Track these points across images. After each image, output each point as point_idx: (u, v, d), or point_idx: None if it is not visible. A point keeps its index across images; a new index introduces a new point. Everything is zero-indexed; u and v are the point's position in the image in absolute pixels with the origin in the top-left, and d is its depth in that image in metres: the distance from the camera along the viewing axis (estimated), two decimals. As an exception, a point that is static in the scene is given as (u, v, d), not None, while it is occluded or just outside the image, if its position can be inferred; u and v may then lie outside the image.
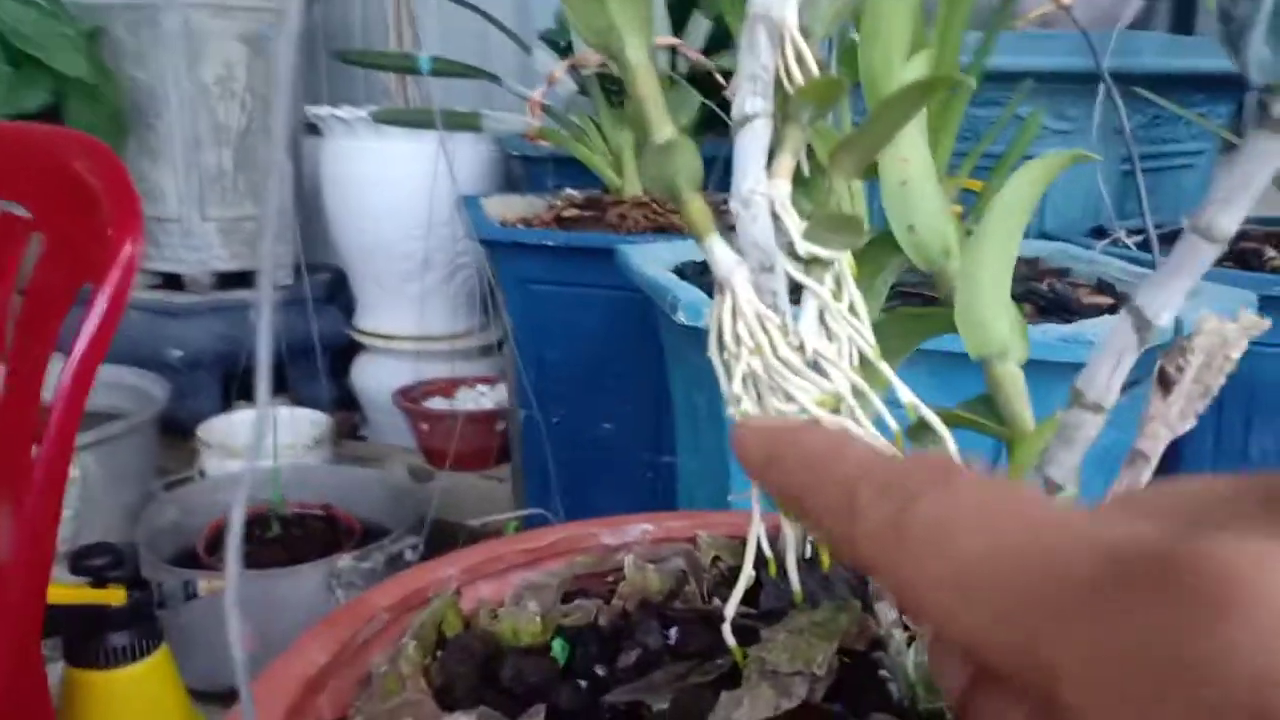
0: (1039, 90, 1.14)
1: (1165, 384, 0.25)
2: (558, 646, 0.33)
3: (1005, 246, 0.35)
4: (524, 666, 0.31)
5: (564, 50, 1.43)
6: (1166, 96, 1.16)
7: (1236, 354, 0.25)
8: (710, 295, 0.86)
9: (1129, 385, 0.82)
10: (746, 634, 0.33)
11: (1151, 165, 1.29)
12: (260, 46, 1.78)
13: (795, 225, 0.31)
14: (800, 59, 0.30)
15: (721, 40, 1.36)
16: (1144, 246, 1.16)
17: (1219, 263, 0.88)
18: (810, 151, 0.35)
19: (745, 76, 0.29)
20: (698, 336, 0.82)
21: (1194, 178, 1.42)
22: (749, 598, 0.33)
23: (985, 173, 1.08)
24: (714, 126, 1.27)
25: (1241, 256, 1.12)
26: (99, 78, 1.64)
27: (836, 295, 0.32)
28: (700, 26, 1.20)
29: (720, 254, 0.30)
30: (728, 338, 0.30)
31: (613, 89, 1.32)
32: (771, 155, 0.31)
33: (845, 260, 0.32)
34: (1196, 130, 1.35)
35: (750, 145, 0.30)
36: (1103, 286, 0.99)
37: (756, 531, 0.32)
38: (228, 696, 1.19)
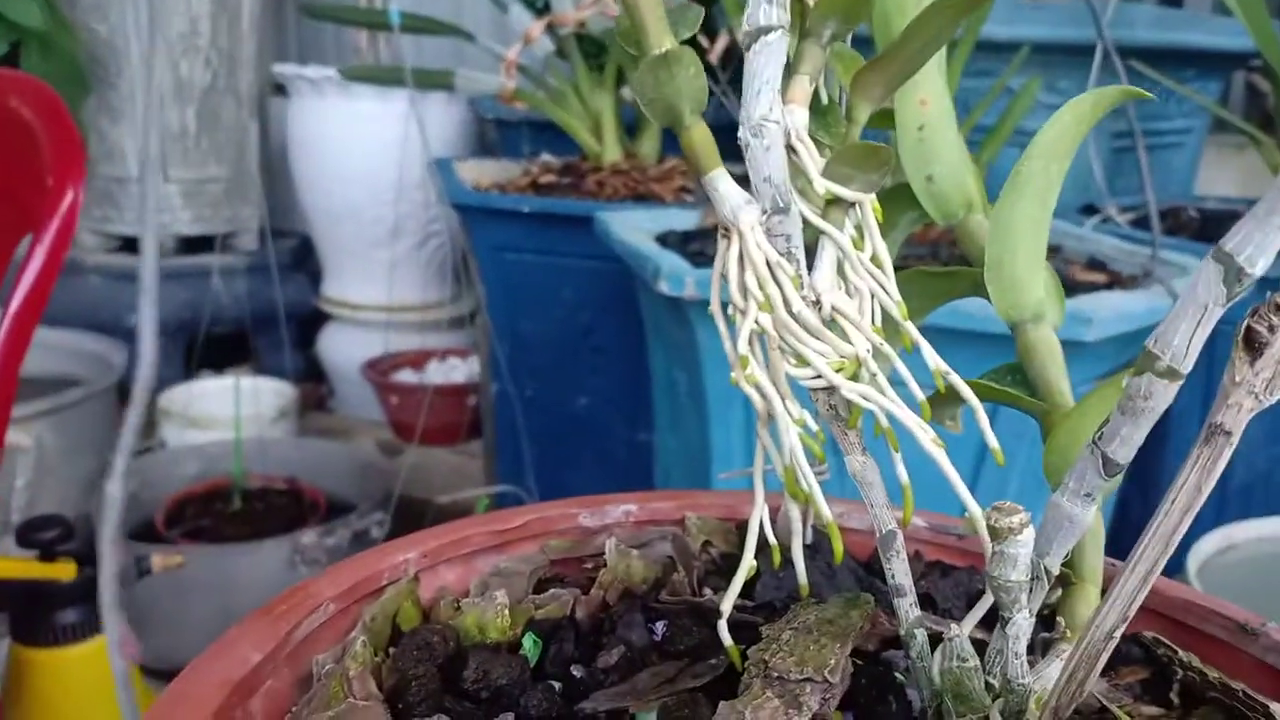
0: (1030, 61, 1.10)
1: (1253, 346, 0.21)
2: (529, 643, 0.29)
3: (1044, 196, 0.31)
4: (489, 667, 0.27)
5: (541, 9, 1.38)
6: (1157, 71, 1.13)
7: (1338, 312, 0.21)
8: (694, 265, 0.82)
9: (1122, 367, 0.78)
10: (743, 629, 0.29)
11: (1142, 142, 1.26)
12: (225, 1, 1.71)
13: (814, 159, 0.26)
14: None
15: (706, 3, 1.31)
16: (1137, 223, 1.14)
17: (1210, 241, 0.84)
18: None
19: (760, -20, 0.25)
20: (679, 308, 0.78)
21: (1183, 156, 1.39)
22: (744, 588, 0.29)
23: (975, 147, 1.04)
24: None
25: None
26: (57, 29, 1.57)
27: (857, 244, 0.28)
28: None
29: (727, 191, 0.26)
30: (734, 289, 0.26)
31: (591, 50, 1.27)
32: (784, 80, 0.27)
33: (869, 203, 0.28)
34: (1186, 108, 1.32)
35: (765, 65, 0.25)
36: (1095, 263, 0.96)
37: (760, 512, 0.28)
38: (184, 675, 1.15)
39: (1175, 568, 0.82)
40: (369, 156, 1.56)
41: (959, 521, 0.39)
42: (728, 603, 0.27)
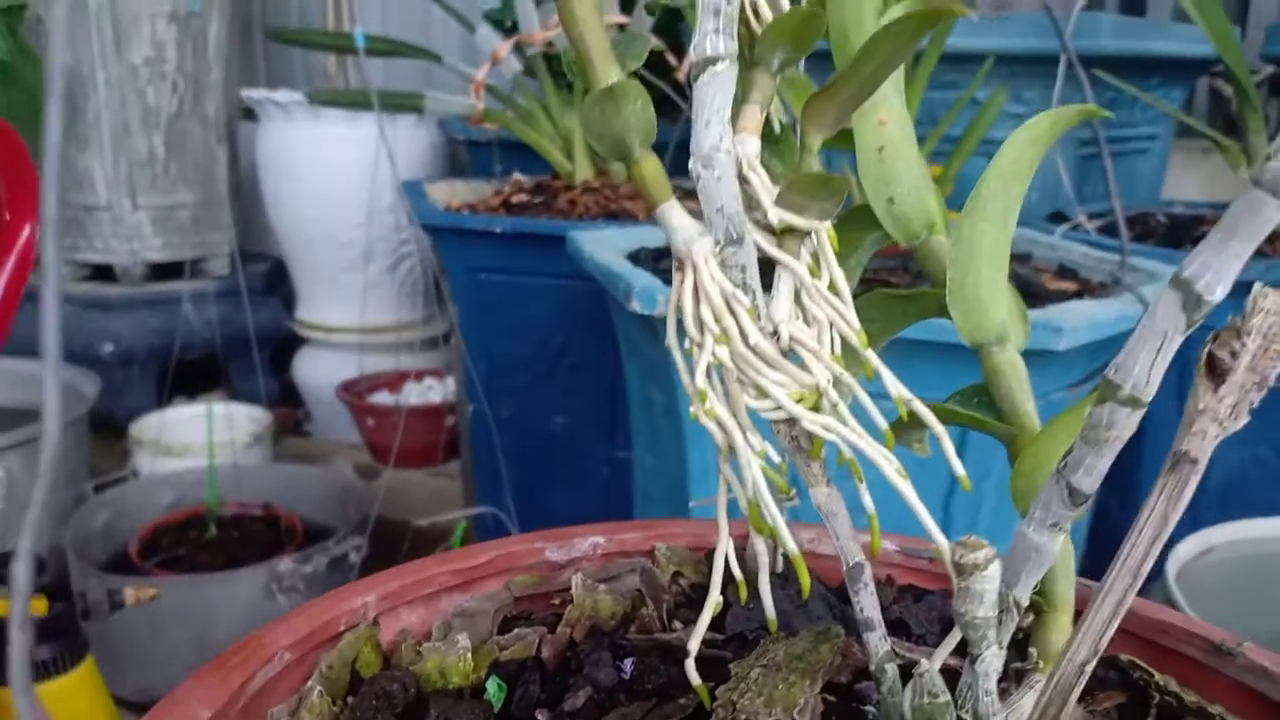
0: (995, 72, 1.11)
1: (1216, 373, 0.21)
2: (493, 687, 0.28)
3: (1005, 216, 0.31)
4: (452, 715, 0.26)
5: (508, 29, 1.38)
6: (1122, 80, 1.14)
7: (1299, 335, 0.21)
8: (667, 282, 0.82)
9: (1091, 375, 0.78)
10: (712, 666, 0.29)
11: (1108, 150, 1.27)
12: (190, 25, 1.70)
13: (766, 188, 0.26)
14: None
15: (672, 20, 1.31)
16: (1106, 230, 1.14)
17: (1178, 246, 0.84)
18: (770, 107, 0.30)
19: (707, 11, 0.24)
20: (653, 326, 0.78)
21: (1149, 162, 1.40)
22: (713, 620, 0.29)
23: (943, 158, 1.05)
24: (665, 111, 1.22)
25: (1199, 241, 1.10)
26: (19, 58, 1.55)
27: (814, 272, 0.27)
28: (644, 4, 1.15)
29: (679, 223, 0.25)
30: (689, 323, 0.26)
31: (560, 69, 1.27)
32: (734, 109, 0.27)
33: (825, 230, 0.27)
34: (1152, 115, 1.33)
35: (714, 94, 0.25)
36: (1064, 271, 0.96)
37: (724, 548, 0.28)
38: (162, 709, 1.13)
39: (1154, 573, 0.82)
40: (339, 180, 1.55)
41: (931, 544, 0.39)
42: (694, 641, 0.27)
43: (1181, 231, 1.15)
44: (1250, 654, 0.31)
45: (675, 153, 1.19)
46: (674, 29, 1.29)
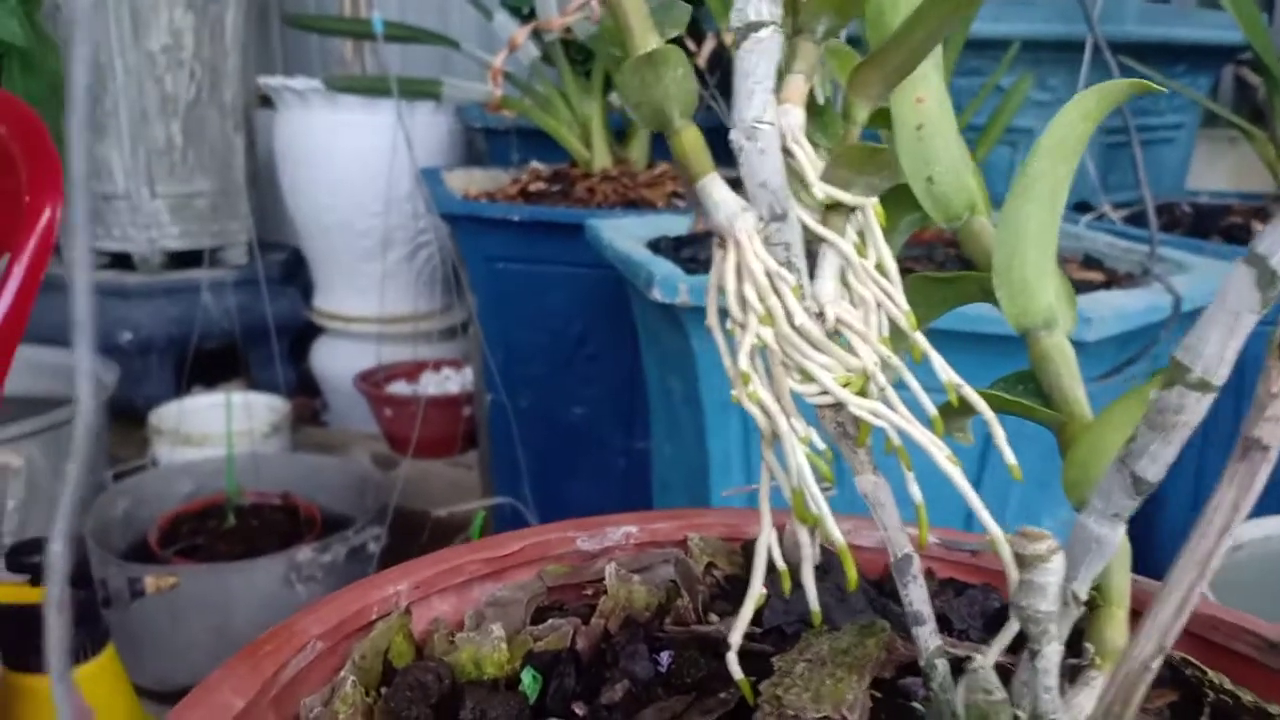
0: (1019, 59, 1.09)
1: (1291, 354, 0.20)
2: (528, 678, 0.27)
3: (1053, 196, 0.30)
4: (487, 706, 0.25)
5: (526, 15, 1.37)
6: (1146, 66, 1.12)
7: (1380, 315, 0.20)
8: (688, 271, 0.81)
9: (1120, 366, 0.76)
10: (752, 659, 0.28)
11: (1137, 139, 1.25)
12: (208, 13, 1.69)
13: (812, 162, 0.25)
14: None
15: (690, 3, 1.30)
16: (1131, 220, 1.12)
17: (1204, 237, 0.82)
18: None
19: (753, -25, 0.23)
20: (673, 315, 0.77)
21: (1175, 151, 1.38)
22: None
23: (968, 147, 1.03)
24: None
25: (1228, 232, 1.09)
26: (37, 45, 1.55)
27: (860, 250, 0.26)
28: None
29: (722, 197, 0.24)
30: (732, 303, 0.25)
31: (578, 56, 1.26)
32: (778, 78, 0.26)
33: (872, 207, 0.26)
34: (1177, 103, 1.31)
35: (756, 63, 0.24)
36: (1090, 261, 0.95)
37: (767, 538, 0.27)
38: (182, 696, 1.14)
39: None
40: (357, 167, 1.54)
41: (971, 537, 0.38)
42: (736, 634, 0.26)
43: (1208, 221, 1.13)
44: (1307, 650, 0.30)
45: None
46: (694, 13, 1.27)
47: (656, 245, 0.90)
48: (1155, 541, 1.06)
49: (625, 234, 0.90)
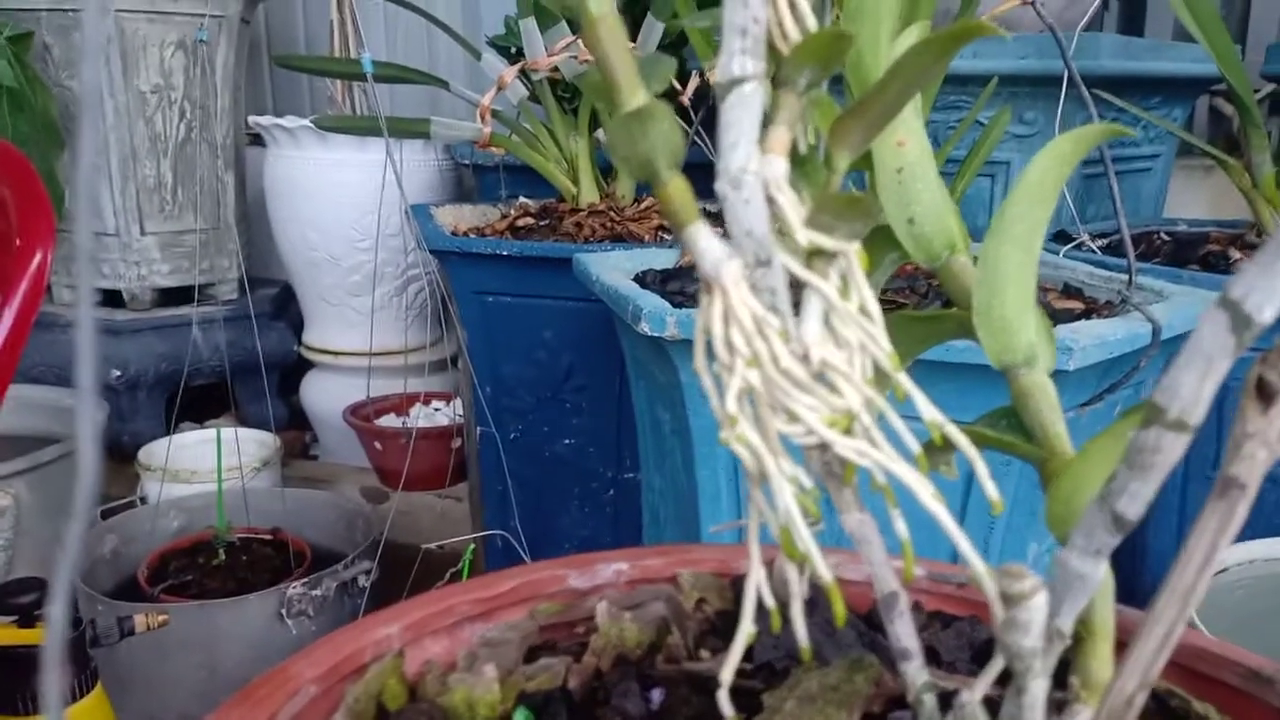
0: (997, 93, 1.11)
1: (1265, 395, 0.21)
2: (521, 719, 0.28)
3: (1030, 237, 0.30)
4: (480, 748, 0.26)
5: (514, 57, 1.38)
6: (1123, 99, 1.14)
7: (1347, 355, 0.20)
8: (674, 304, 0.82)
9: (1101, 395, 0.77)
10: (742, 697, 0.28)
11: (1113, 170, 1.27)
12: (197, 53, 1.70)
13: (795, 209, 0.26)
14: (794, 8, 0.25)
15: (675, 44, 1.32)
16: (1110, 249, 1.14)
17: (1183, 265, 0.83)
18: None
19: (733, 31, 0.24)
20: (661, 347, 0.77)
21: (1151, 181, 1.40)
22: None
23: (948, 179, 1.04)
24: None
25: (1206, 260, 1.10)
26: (29, 85, 1.56)
27: (843, 294, 0.27)
28: (654, 31, 1.16)
29: (707, 246, 0.25)
30: (719, 347, 0.25)
31: (565, 94, 1.27)
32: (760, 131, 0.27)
33: (854, 251, 0.27)
34: (1154, 134, 1.33)
35: (741, 115, 0.25)
36: (1070, 291, 0.96)
37: (756, 576, 0.27)
38: (170, 737, 1.13)
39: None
40: (347, 204, 1.55)
41: (957, 569, 0.38)
42: (727, 671, 0.26)
43: (1186, 250, 1.14)
44: (1289, 679, 0.30)
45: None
46: (677, 52, 1.29)
47: (643, 279, 0.90)
48: (1142, 564, 1.07)
49: (612, 268, 0.91)
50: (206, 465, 1.40)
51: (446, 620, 0.31)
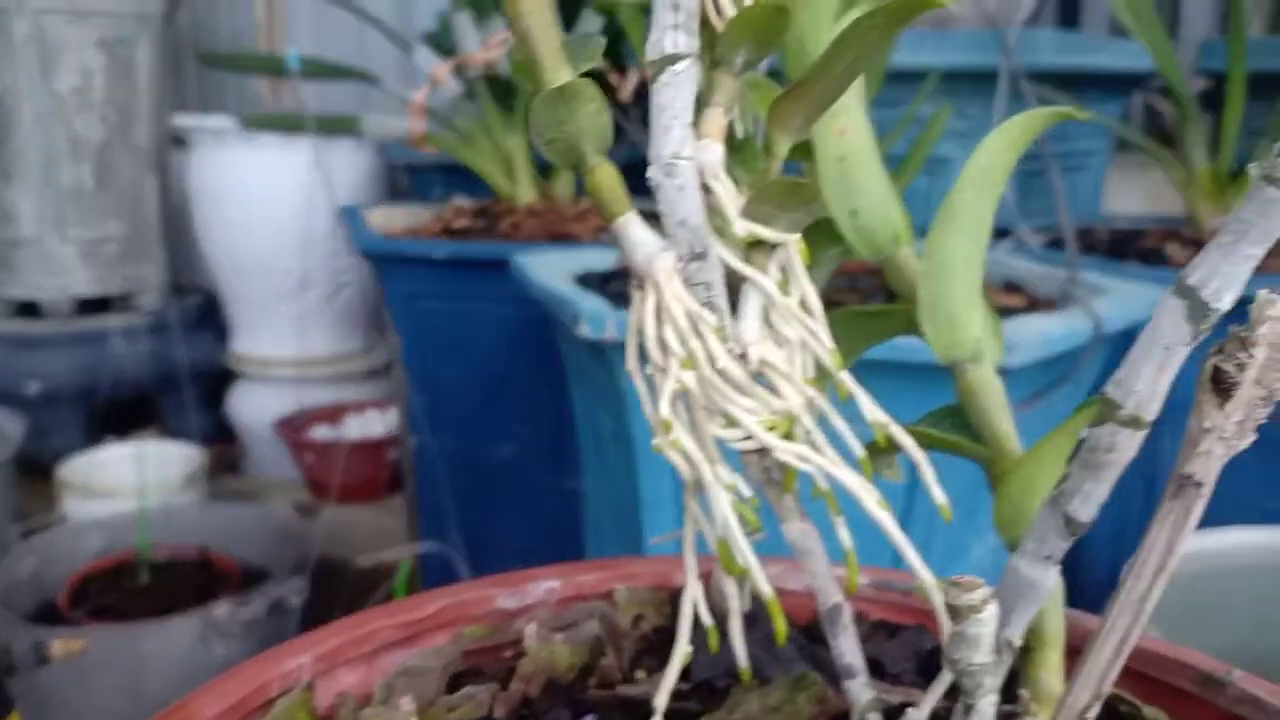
0: (937, 89, 1.11)
1: (1221, 388, 0.19)
2: (442, 752, 0.26)
3: (977, 227, 0.29)
4: (396, 787, 0.23)
5: (449, 53, 1.35)
6: (1061, 95, 1.15)
7: (1309, 346, 0.19)
8: (615, 305, 0.80)
9: (1043, 391, 0.77)
10: (680, 718, 0.27)
11: (1056, 165, 1.28)
12: (119, 53, 1.65)
13: (732, 198, 0.24)
14: (731, -17, 0.23)
15: (614, 39, 1.30)
16: (1050, 245, 1.15)
17: (1121, 259, 0.84)
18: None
19: (665, 5, 0.22)
20: (601, 351, 0.75)
21: (1088, 177, 1.42)
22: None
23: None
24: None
25: (1144, 255, 1.11)
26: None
27: (784, 288, 0.25)
28: (591, 25, 1.14)
29: (640, 237, 0.23)
30: (651, 347, 0.24)
31: (500, 91, 1.25)
32: (695, 114, 0.25)
33: (795, 244, 0.25)
34: (1091, 129, 1.34)
35: (673, 97, 0.23)
36: (1012, 287, 0.96)
37: (692, 592, 0.25)
38: (93, 765, 1.08)
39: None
40: (275, 207, 1.51)
41: (903, 576, 0.37)
42: (662, 696, 0.24)
43: (1124, 244, 1.15)
44: (1241, 683, 0.29)
45: (622, 174, 1.18)
46: (616, 48, 1.27)
47: (583, 280, 0.88)
48: (1078, 561, 1.08)
49: (551, 269, 0.89)
50: (129, 481, 1.35)
51: (364, 648, 0.29)
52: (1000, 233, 1.19)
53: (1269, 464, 0.97)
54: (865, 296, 0.87)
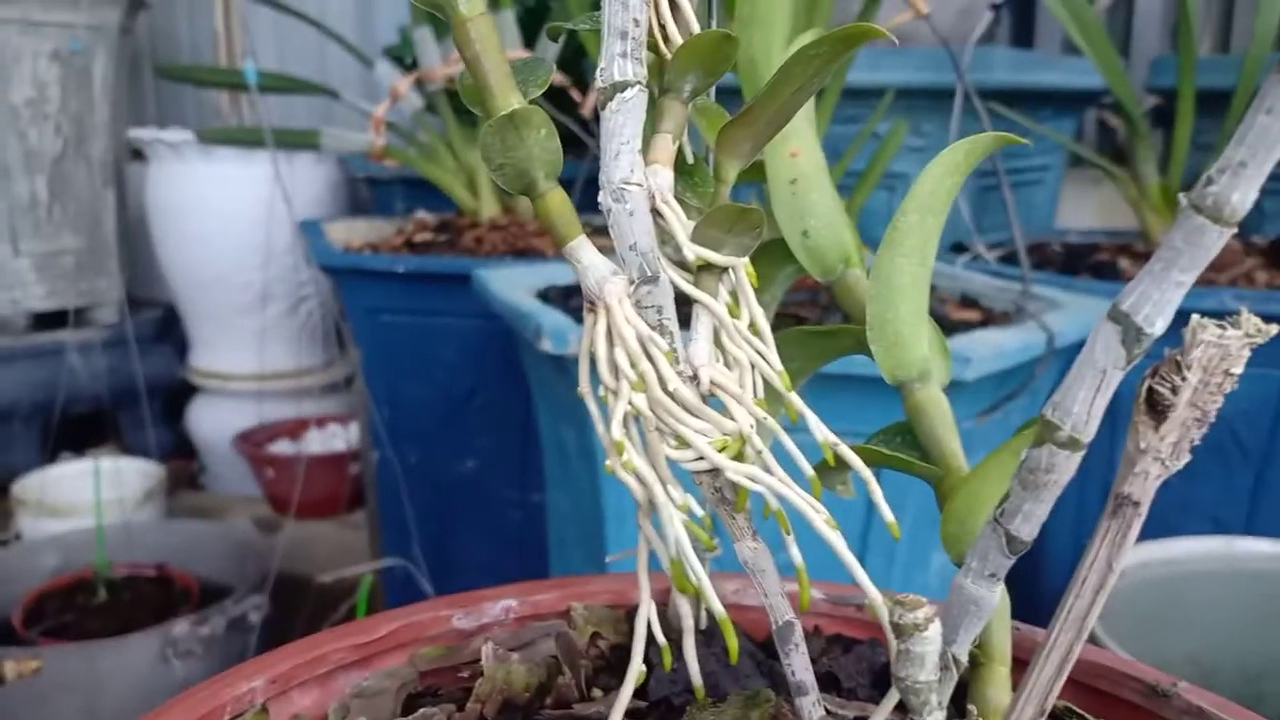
0: (894, 106, 1.13)
1: (1157, 410, 0.20)
2: (396, 775, 0.26)
3: (923, 249, 0.30)
4: (349, 811, 0.23)
5: (410, 68, 1.35)
6: (1015, 111, 1.17)
7: (1239, 369, 0.20)
8: (578, 320, 0.80)
9: (999, 404, 0.78)
10: (637, 737, 0.27)
11: (1008, 181, 1.30)
12: (74, 64, 1.63)
13: (681, 223, 0.24)
14: (676, 10, 0.23)
15: (575, 56, 1.30)
16: (1005, 259, 1.16)
17: (1074, 274, 0.85)
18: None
19: (613, 34, 0.22)
20: (564, 366, 0.75)
21: (1042, 193, 1.44)
22: (635, 686, 0.27)
23: (846, 192, 1.05)
24: (571, 148, 1.21)
25: (1097, 269, 1.13)
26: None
27: (733, 311, 0.26)
28: (548, 49, 1.14)
29: (590, 261, 0.24)
30: (603, 369, 0.24)
31: (462, 105, 1.25)
32: (645, 140, 0.25)
33: (743, 267, 0.26)
34: (1044, 146, 1.36)
35: (623, 123, 0.23)
36: (967, 301, 0.97)
37: (646, 611, 0.26)
38: (47, 789, 1.06)
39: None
40: (234, 221, 1.49)
41: (858, 591, 0.37)
42: (616, 715, 0.24)
43: (1077, 259, 1.17)
44: (1186, 695, 0.30)
45: (584, 189, 1.18)
46: (577, 65, 1.28)
47: (546, 295, 0.89)
48: (1040, 572, 1.09)
49: (513, 284, 0.89)
50: (85, 499, 1.32)
51: (318, 670, 0.29)
52: (958, 247, 1.21)
53: (1222, 475, 0.99)
54: (825, 310, 0.88)
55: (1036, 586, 1.05)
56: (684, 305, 0.26)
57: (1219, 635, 0.88)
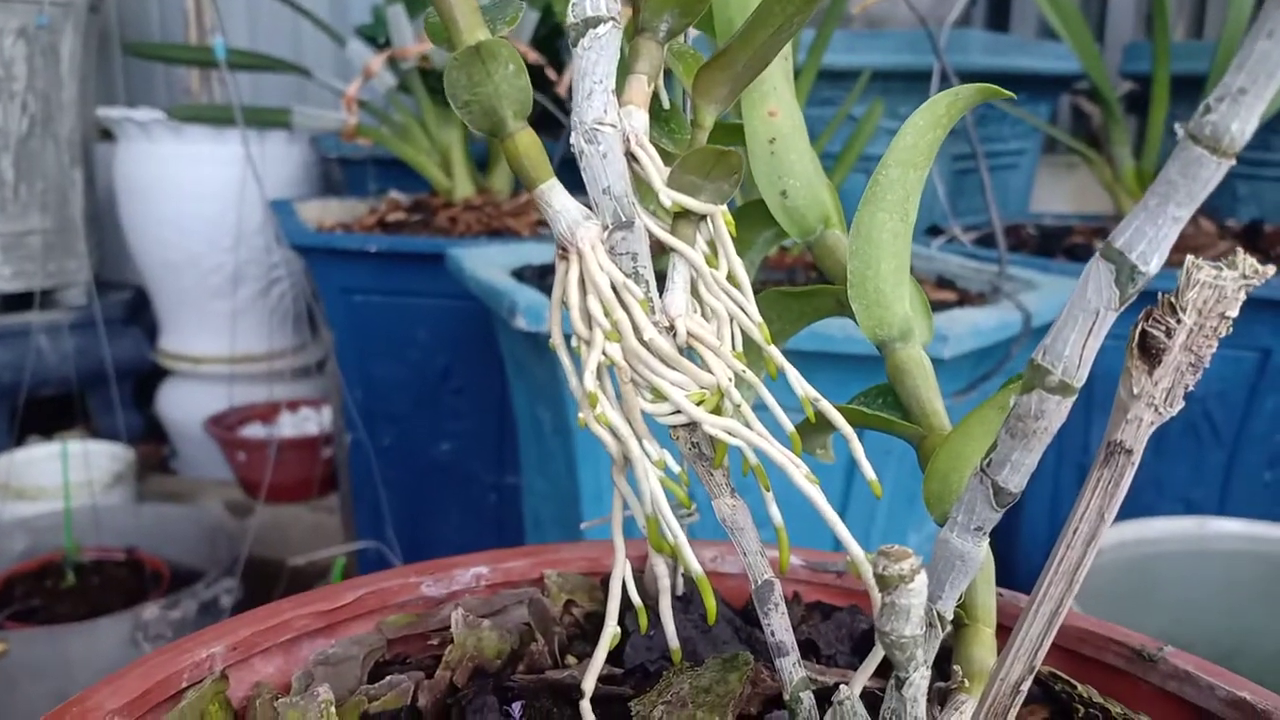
0: (870, 88, 1.12)
1: (1150, 354, 0.19)
2: (361, 742, 0.25)
3: (904, 205, 0.29)
4: (311, 779, 0.22)
5: (383, 47, 1.33)
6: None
7: (1234, 312, 0.19)
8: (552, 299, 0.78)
9: (976, 382, 0.77)
10: (611, 704, 0.26)
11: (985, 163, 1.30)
12: (41, 41, 1.59)
13: (657, 166, 0.23)
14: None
15: (551, 35, 1.29)
16: (981, 242, 1.16)
17: (1049, 256, 0.85)
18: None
19: (585, -35, 0.21)
20: (539, 344, 0.75)
21: (1018, 176, 1.45)
22: (611, 652, 0.26)
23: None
24: (547, 126, 1.19)
25: (1072, 251, 1.13)
26: None
27: (711, 261, 0.25)
28: (527, 18, 1.13)
29: (562, 205, 0.23)
30: (575, 318, 0.23)
31: (436, 84, 1.23)
32: (619, 81, 0.24)
33: (721, 214, 0.25)
34: (1020, 129, 1.37)
35: (595, 61, 0.22)
36: (944, 282, 0.97)
37: (621, 571, 0.25)
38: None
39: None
40: (205, 201, 1.47)
41: (837, 557, 0.36)
42: (589, 679, 0.24)
43: (1052, 241, 1.18)
44: (1172, 659, 0.29)
45: (560, 168, 1.17)
46: (553, 44, 1.26)
47: (521, 274, 0.87)
48: (1015, 552, 1.09)
49: (488, 263, 0.88)
50: (53, 482, 1.30)
51: (281, 636, 0.28)
52: (934, 230, 1.21)
53: (1194, 457, 0.99)
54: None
55: (1012, 581, 1.05)
56: (661, 271, 0.25)
57: (1192, 614, 0.89)
